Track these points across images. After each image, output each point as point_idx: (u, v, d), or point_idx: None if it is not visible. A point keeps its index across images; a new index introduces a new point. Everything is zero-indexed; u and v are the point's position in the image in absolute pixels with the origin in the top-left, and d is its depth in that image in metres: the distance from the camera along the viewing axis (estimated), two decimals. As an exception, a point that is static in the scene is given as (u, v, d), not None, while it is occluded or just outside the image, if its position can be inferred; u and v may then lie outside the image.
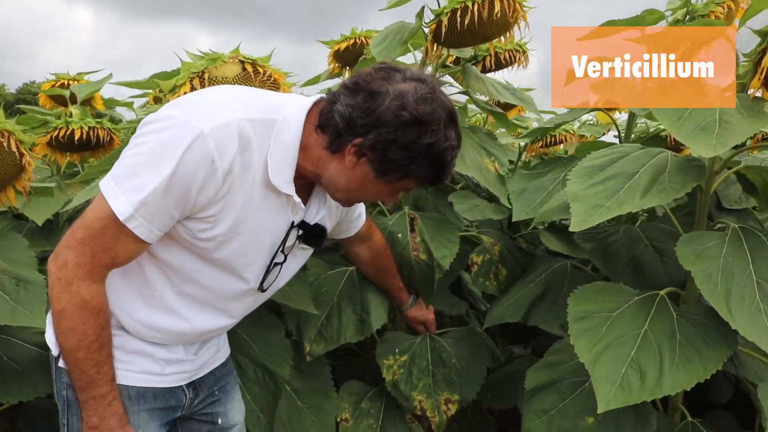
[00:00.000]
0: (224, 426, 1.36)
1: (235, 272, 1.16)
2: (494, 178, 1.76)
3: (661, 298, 1.44)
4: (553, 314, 1.76)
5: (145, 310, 1.16)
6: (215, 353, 1.35)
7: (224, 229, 1.08)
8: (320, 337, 1.76)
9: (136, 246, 1.04)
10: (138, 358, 1.19)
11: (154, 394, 1.21)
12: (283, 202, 1.13)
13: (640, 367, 1.33)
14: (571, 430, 1.47)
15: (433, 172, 1.11)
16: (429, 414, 1.74)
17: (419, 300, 1.81)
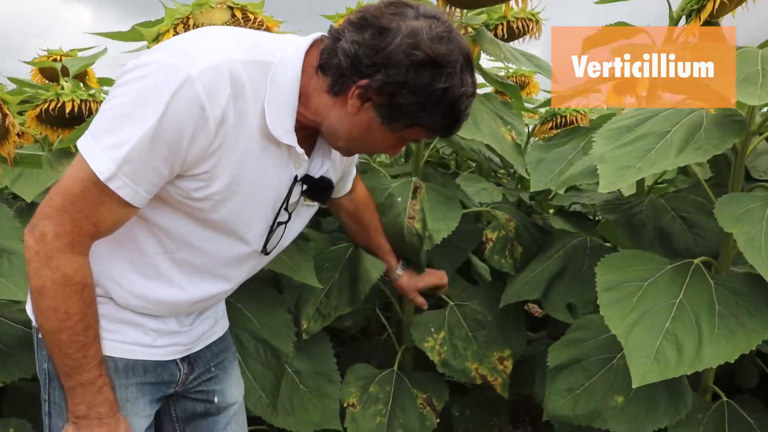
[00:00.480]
0: (221, 405, 1.25)
1: (235, 234, 1.05)
2: (511, 147, 1.66)
3: (696, 267, 1.34)
4: (573, 291, 1.66)
5: (136, 280, 1.05)
6: (212, 326, 1.24)
7: (220, 186, 0.96)
8: (318, 314, 1.66)
9: (121, 211, 0.92)
10: (126, 328, 1.07)
11: (145, 367, 1.10)
12: (284, 154, 1.02)
13: (677, 340, 1.23)
14: (599, 411, 1.36)
15: (445, 121, 0.99)
16: (490, 378, 1.66)
17: (409, 268, 1.65)
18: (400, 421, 1.70)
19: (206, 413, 1.24)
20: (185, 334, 1.15)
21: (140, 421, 1.09)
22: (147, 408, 1.11)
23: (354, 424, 1.68)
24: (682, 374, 1.18)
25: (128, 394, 1.07)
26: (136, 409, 1.08)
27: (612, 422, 1.34)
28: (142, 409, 1.10)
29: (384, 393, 1.73)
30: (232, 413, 1.27)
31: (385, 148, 1.07)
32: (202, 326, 1.20)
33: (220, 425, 1.25)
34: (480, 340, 1.70)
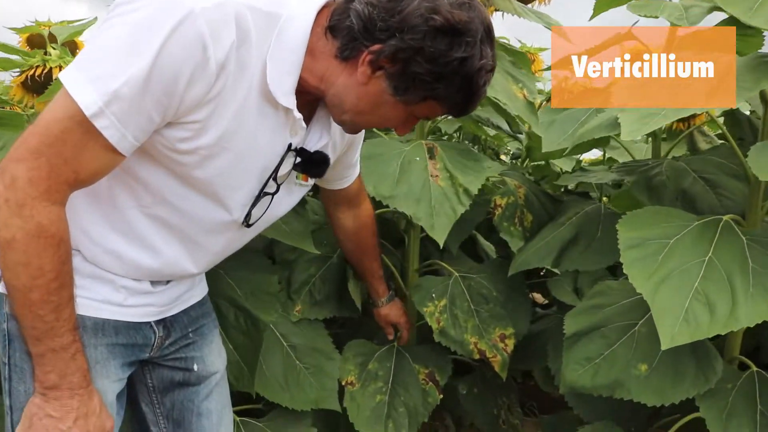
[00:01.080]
0: (201, 373, 1.15)
1: (216, 198, 0.95)
2: (523, 105, 1.56)
3: (726, 223, 1.24)
4: (587, 259, 1.56)
5: (108, 234, 0.95)
6: (189, 288, 1.13)
7: (210, 140, 0.86)
8: (311, 297, 1.56)
9: (105, 157, 0.81)
10: (95, 284, 0.97)
11: (116, 327, 1.00)
12: (280, 118, 0.92)
13: (708, 299, 1.13)
14: (622, 380, 1.26)
15: (461, 95, 0.90)
16: (488, 355, 1.55)
17: (396, 299, 1.62)
18: (401, 399, 1.59)
19: (185, 382, 1.14)
20: (158, 295, 1.05)
21: (111, 384, 0.99)
22: (118, 371, 1.01)
23: (353, 404, 1.57)
24: (715, 335, 1.09)
25: (97, 355, 0.97)
26: (106, 372, 0.98)
27: (636, 392, 1.24)
28: (113, 372, 1.00)
29: (384, 370, 1.62)
30: (214, 383, 1.17)
31: (395, 124, 0.97)
32: (178, 288, 1.09)
33: (200, 395, 1.15)
34: (482, 315, 1.60)
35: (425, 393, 1.60)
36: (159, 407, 1.15)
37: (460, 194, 1.43)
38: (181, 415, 1.14)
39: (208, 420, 1.16)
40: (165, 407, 1.15)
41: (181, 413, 1.14)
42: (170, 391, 1.14)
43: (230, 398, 1.24)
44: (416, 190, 1.45)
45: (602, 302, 1.37)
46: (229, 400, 1.23)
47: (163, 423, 1.15)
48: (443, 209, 1.41)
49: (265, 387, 1.45)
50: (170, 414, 1.15)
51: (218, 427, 1.18)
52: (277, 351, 1.48)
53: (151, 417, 1.15)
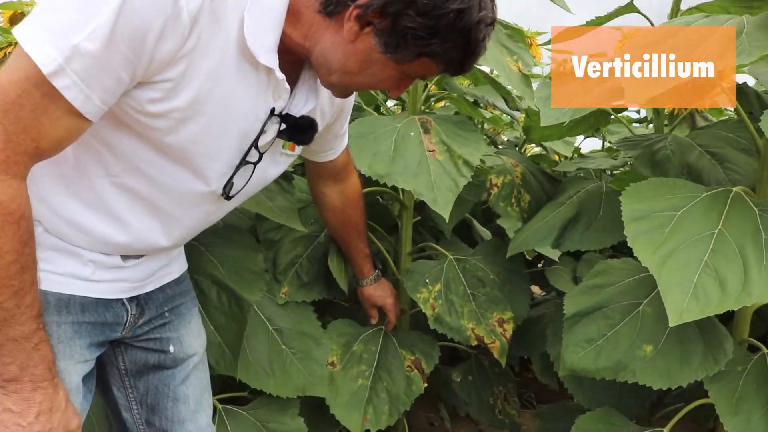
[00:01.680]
0: (178, 356, 1.07)
1: (192, 167, 0.87)
2: (518, 78, 1.48)
3: (737, 194, 1.16)
4: (589, 239, 1.48)
5: (71, 204, 0.87)
6: (165, 264, 1.06)
7: (183, 102, 0.78)
8: (297, 279, 1.48)
9: (69, 122, 0.73)
10: (59, 257, 0.89)
11: (82, 304, 0.92)
12: (262, 80, 0.85)
13: (718, 273, 1.06)
14: (626, 362, 1.19)
15: (459, 52, 0.82)
16: (487, 340, 1.47)
17: (382, 279, 1.54)
18: (384, 384, 1.51)
19: (160, 365, 1.06)
20: (130, 270, 0.97)
21: (75, 366, 0.91)
22: (84, 352, 0.93)
23: (333, 385, 1.49)
24: (727, 310, 1.01)
25: (61, 334, 0.89)
26: (70, 352, 0.90)
27: (641, 374, 1.17)
28: (78, 353, 0.92)
29: (369, 353, 1.55)
30: (191, 366, 1.09)
31: (387, 85, 0.89)
32: (152, 263, 1.01)
33: (177, 379, 1.07)
34: (479, 300, 1.52)
35: (409, 380, 1.52)
36: (132, 391, 1.07)
37: (459, 166, 1.35)
38: (156, 400, 1.07)
39: (185, 405, 1.08)
40: (138, 391, 1.07)
41: (155, 398, 1.07)
42: (144, 374, 1.06)
43: (210, 383, 1.17)
44: (413, 166, 1.37)
45: (604, 281, 1.30)
46: (209, 384, 1.16)
47: (136, 408, 1.07)
48: (444, 183, 1.34)
49: (249, 373, 1.37)
50: (144, 399, 1.07)
51: (195, 413, 1.10)
52: (261, 335, 1.40)
53: (123, 402, 1.07)
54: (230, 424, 1.35)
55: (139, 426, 1.08)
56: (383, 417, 1.48)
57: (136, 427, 1.08)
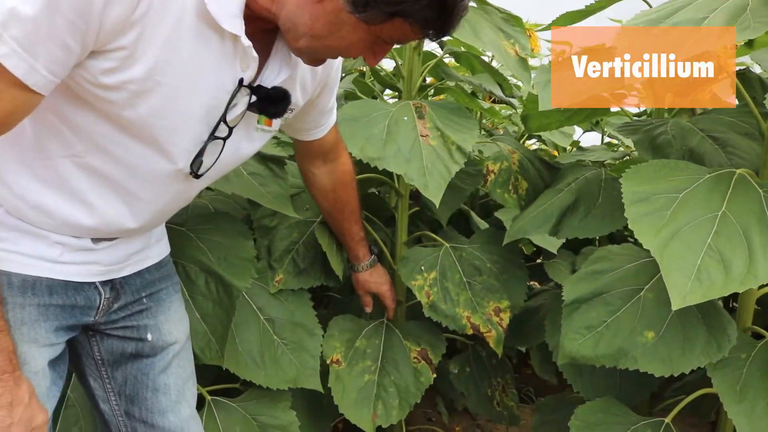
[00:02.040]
0: (156, 343, 1.02)
1: (156, 144, 0.82)
2: (515, 62, 1.45)
3: (741, 176, 1.13)
4: (587, 226, 1.45)
5: (33, 186, 0.82)
6: (143, 248, 1.01)
7: (140, 72, 0.73)
8: (294, 266, 1.45)
9: (16, 97, 0.69)
10: (23, 238, 0.85)
11: (50, 286, 0.87)
12: (228, 48, 0.79)
13: (722, 256, 1.02)
14: (627, 348, 1.15)
15: (434, 11, 0.75)
16: (483, 329, 1.43)
17: (378, 265, 1.48)
18: (391, 378, 1.48)
19: (138, 354, 1.01)
20: (102, 253, 0.92)
21: (40, 350, 0.86)
22: (50, 336, 0.88)
23: (339, 384, 1.46)
24: (732, 292, 0.98)
25: (25, 316, 0.85)
26: (35, 335, 0.86)
27: (642, 361, 1.14)
28: (44, 336, 0.87)
29: (372, 347, 1.51)
30: (172, 355, 1.05)
31: (360, 50, 0.82)
32: (127, 247, 0.97)
33: (156, 368, 1.03)
34: (475, 288, 1.49)
35: (417, 372, 1.49)
36: (109, 382, 1.02)
37: (453, 152, 1.31)
38: (135, 391, 1.02)
39: (165, 396, 1.03)
40: (116, 382, 1.02)
41: (134, 388, 1.02)
42: (122, 364, 1.01)
43: (195, 373, 1.12)
44: (405, 150, 1.34)
45: (604, 267, 1.27)
46: (193, 374, 1.11)
47: (114, 399, 1.03)
48: (436, 168, 1.30)
49: (239, 364, 1.33)
50: (122, 389, 1.02)
51: (177, 404, 1.05)
52: (252, 325, 1.36)
53: (100, 393, 1.03)
54: (219, 416, 1.32)
55: (118, 418, 1.03)
56: (394, 411, 1.45)
57: (115, 419, 1.04)
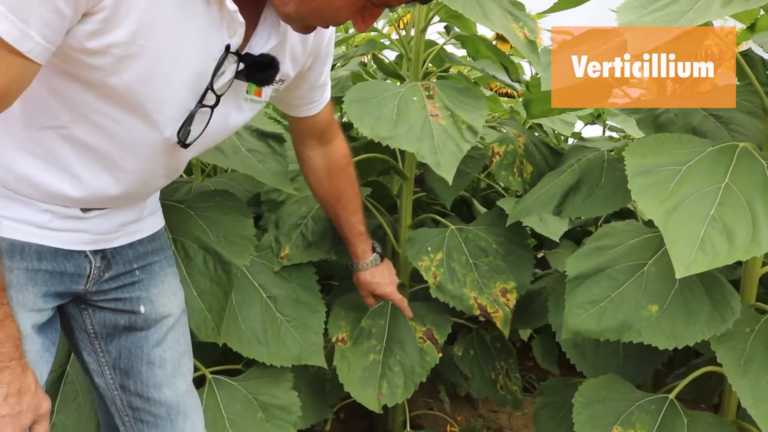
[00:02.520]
0: (150, 316, 1.01)
1: (142, 112, 0.80)
2: (524, 43, 1.45)
3: (744, 148, 1.13)
4: (591, 206, 1.45)
5: (19, 157, 0.82)
6: (135, 220, 1.00)
7: (123, 35, 0.71)
8: (303, 239, 1.44)
9: (11, 65, 0.66)
10: (12, 203, 0.84)
11: (39, 252, 0.86)
12: (214, 14, 0.78)
13: (726, 226, 1.02)
14: (630, 322, 1.15)
15: None
16: (490, 310, 1.43)
17: (384, 261, 1.37)
18: (397, 358, 1.48)
19: (131, 326, 1.00)
20: (92, 222, 0.92)
21: (27, 314, 0.86)
22: (38, 300, 0.87)
23: (344, 362, 1.47)
24: (736, 261, 0.98)
25: (12, 279, 0.84)
26: (23, 299, 0.85)
27: (646, 334, 1.14)
28: (31, 300, 0.86)
29: (378, 327, 1.52)
30: (166, 328, 1.04)
31: (348, 15, 0.80)
32: (118, 217, 0.96)
33: (150, 341, 1.01)
34: (481, 269, 1.50)
35: (422, 352, 1.50)
36: (103, 356, 1.01)
37: (463, 131, 1.32)
38: (129, 364, 1.01)
39: (161, 369, 1.02)
40: (110, 355, 1.01)
41: (128, 361, 1.01)
42: (115, 337, 1.00)
43: (192, 349, 1.11)
44: (416, 129, 1.34)
45: (608, 243, 1.27)
46: (189, 349, 1.10)
47: (108, 373, 1.02)
48: (447, 147, 1.30)
49: (242, 342, 1.34)
50: (116, 363, 1.01)
51: (173, 378, 1.04)
52: (255, 302, 1.37)
53: (94, 367, 1.02)
54: (220, 395, 1.32)
55: (113, 392, 1.03)
56: (399, 391, 1.46)
57: (111, 393, 1.03)
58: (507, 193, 2.40)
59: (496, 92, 2.75)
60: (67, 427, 1.17)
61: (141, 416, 1.03)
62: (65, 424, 1.17)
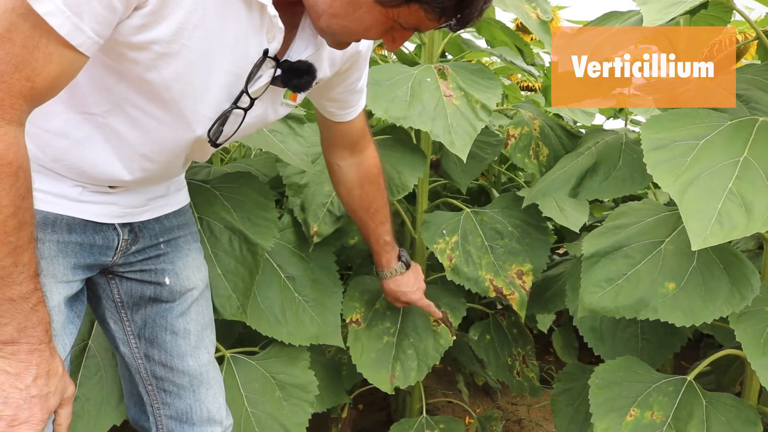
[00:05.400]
0: (174, 288, 1.04)
1: (176, 109, 0.82)
2: (537, 24, 1.46)
3: (764, 122, 1.12)
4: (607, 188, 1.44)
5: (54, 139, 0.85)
6: (162, 195, 1.03)
7: (166, 32, 0.74)
8: (330, 215, 1.45)
9: (63, 58, 0.68)
10: (45, 178, 0.87)
11: (69, 224, 0.90)
12: (254, 19, 0.80)
13: (744, 199, 1.01)
14: (647, 299, 1.14)
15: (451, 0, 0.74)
16: (505, 292, 1.43)
17: (411, 268, 1.35)
18: (410, 341, 1.49)
19: (157, 298, 1.04)
20: (120, 196, 0.95)
21: (57, 285, 0.89)
22: (68, 272, 0.90)
23: (358, 344, 1.47)
24: (754, 232, 0.96)
25: (44, 251, 0.87)
26: (53, 270, 0.88)
27: (663, 311, 1.12)
28: (61, 272, 0.89)
29: (392, 309, 1.52)
30: (191, 300, 1.07)
31: (378, 33, 0.82)
32: (146, 193, 0.99)
33: (175, 312, 1.05)
34: (497, 252, 1.49)
35: (437, 335, 1.50)
36: (129, 324, 1.05)
37: (477, 110, 1.33)
38: (154, 333, 1.04)
39: (185, 340, 1.06)
40: (136, 324, 1.05)
41: (153, 331, 1.04)
42: (141, 307, 1.04)
43: (214, 325, 1.14)
44: (430, 109, 1.36)
45: (624, 222, 1.26)
46: (212, 322, 1.13)
47: (134, 342, 1.05)
48: (461, 126, 1.31)
49: (261, 321, 1.35)
50: (141, 332, 1.05)
51: (197, 349, 1.07)
52: (273, 282, 1.39)
53: (120, 335, 1.05)
54: (239, 373, 1.34)
55: (138, 360, 1.06)
56: (412, 373, 1.46)
57: (135, 362, 1.06)
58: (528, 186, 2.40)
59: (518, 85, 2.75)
60: (89, 400, 1.20)
61: (164, 385, 1.06)
62: (87, 397, 1.20)
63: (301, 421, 1.32)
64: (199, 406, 1.07)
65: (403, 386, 1.44)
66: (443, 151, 1.77)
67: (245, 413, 1.29)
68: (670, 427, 1.16)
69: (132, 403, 1.12)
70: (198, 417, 1.07)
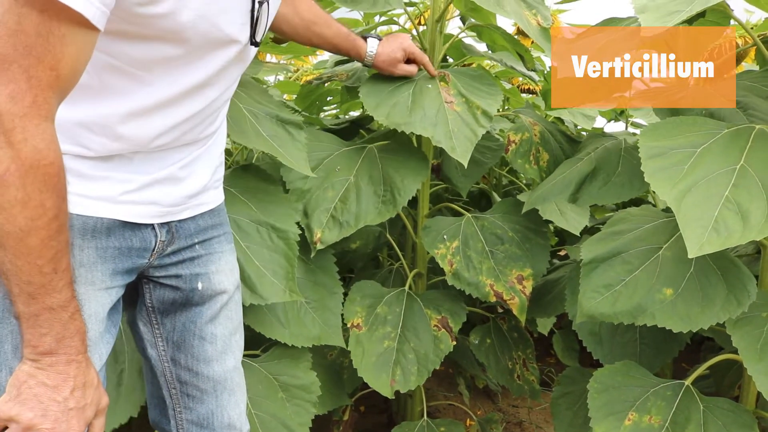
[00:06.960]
0: (206, 293, 1.03)
1: (217, 31, 0.82)
2: (537, 31, 1.47)
3: (760, 131, 1.13)
4: (607, 194, 1.45)
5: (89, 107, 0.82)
6: (199, 191, 1.01)
7: None
8: (333, 221, 1.46)
9: (77, 36, 0.67)
10: (83, 180, 0.84)
11: (109, 227, 0.87)
12: None
13: (740, 207, 1.02)
14: (645, 305, 1.15)
15: None
16: (506, 297, 1.45)
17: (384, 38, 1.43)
18: (411, 345, 1.50)
19: (187, 302, 1.02)
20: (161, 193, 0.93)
21: (96, 293, 0.87)
22: (107, 279, 0.88)
23: (359, 348, 1.48)
24: (750, 240, 0.98)
25: (83, 258, 0.85)
26: (92, 278, 0.86)
27: (660, 317, 1.14)
28: (100, 279, 0.87)
29: (393, 314, 1.53)
30: (220, 305, 1.05)
31: None
32: (185, 188, 0.97)
33: (204, 317, 1.03)
34: (498, 257, 1.51)
35: (437, 339, 1.51)
36: (158, 327, 1.04)
37: (478, 117, 1.34)
38: (182, 338, 1.03)
39: (212, 345, 1.04)
40: (165, 328, 1.04)
41: (182, 335, 1.04)
42: (171, 312, 1.03)
43: (243, 324, 1.13)
44: (431, 115, 1.37)
45: (623, 228, 1.27)
46: (241, 326, 1.12)
47: (161, 345, 1.05)
48: (462, 132, 1.33)
49: (263, 323, 1.37)
50: (170, 336, 1.04)
51: (223, 354, 1.06)
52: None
53: (148, 338, 1.05)
54: (243, 375, 1.35)
55: (164, 363, 1.05)
56: (412, 378, 1.47)
57: (161, 365, 1.05)
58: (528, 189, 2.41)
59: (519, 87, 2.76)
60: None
61: (188, 390, 1.05)
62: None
63: (304, 421, 1.33)
64: (221, 412, 1.06)
65: (404, 390, 1.46)
66: (444, 155, 1.79)
67: (249, 415, 1.30)
68: (667, 431, 1.17)
69: (153, 405, 1.11)
70: (219, 423, 1.06)
